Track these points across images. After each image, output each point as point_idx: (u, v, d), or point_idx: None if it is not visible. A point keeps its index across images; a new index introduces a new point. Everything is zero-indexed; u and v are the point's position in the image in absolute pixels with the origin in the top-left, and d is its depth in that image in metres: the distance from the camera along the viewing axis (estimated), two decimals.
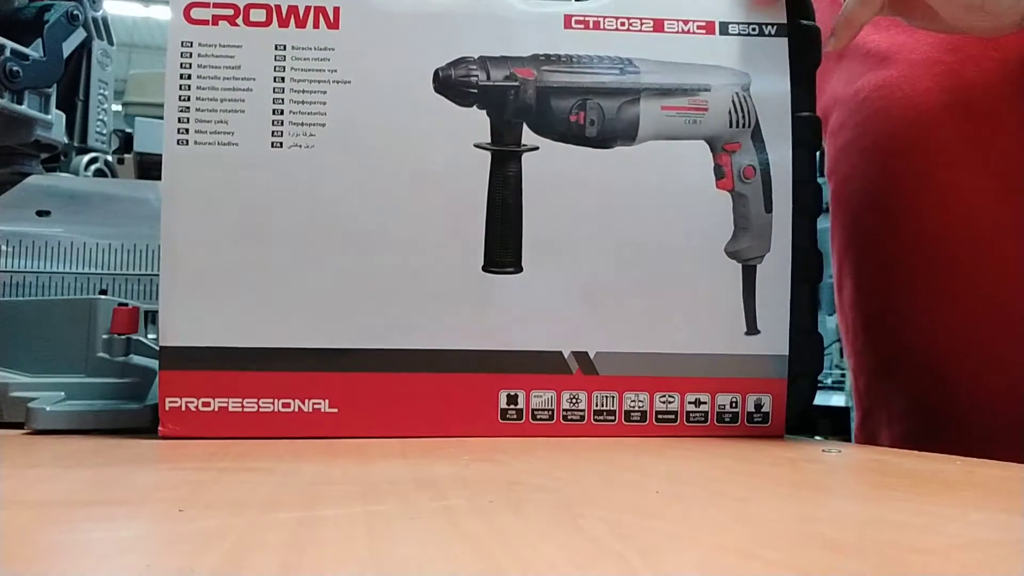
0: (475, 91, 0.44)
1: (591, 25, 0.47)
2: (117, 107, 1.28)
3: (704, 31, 0.48)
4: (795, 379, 0.46)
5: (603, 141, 0.46)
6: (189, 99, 0.42)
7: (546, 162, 0.45)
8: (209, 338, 0.42)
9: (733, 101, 0.47)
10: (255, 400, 0.42)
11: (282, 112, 0.43)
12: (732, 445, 0.42)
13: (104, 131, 0.90)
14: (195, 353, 0.42)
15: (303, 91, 0.43)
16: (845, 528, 0.21)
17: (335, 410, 0.42)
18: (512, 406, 0.44)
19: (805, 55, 0.48)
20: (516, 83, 0.45)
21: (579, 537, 0.19)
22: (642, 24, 0.47)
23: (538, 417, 0.44)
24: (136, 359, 0.48)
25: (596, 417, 0.45)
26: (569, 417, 0.44)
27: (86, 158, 0.86)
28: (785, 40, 0.47)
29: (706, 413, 0.46)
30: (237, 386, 0.42)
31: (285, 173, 0.43)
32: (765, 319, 0.46)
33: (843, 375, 2.71)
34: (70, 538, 0.18)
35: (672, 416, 0.45)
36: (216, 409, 0.41)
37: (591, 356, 0.45)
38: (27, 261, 0.62)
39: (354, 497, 0.24)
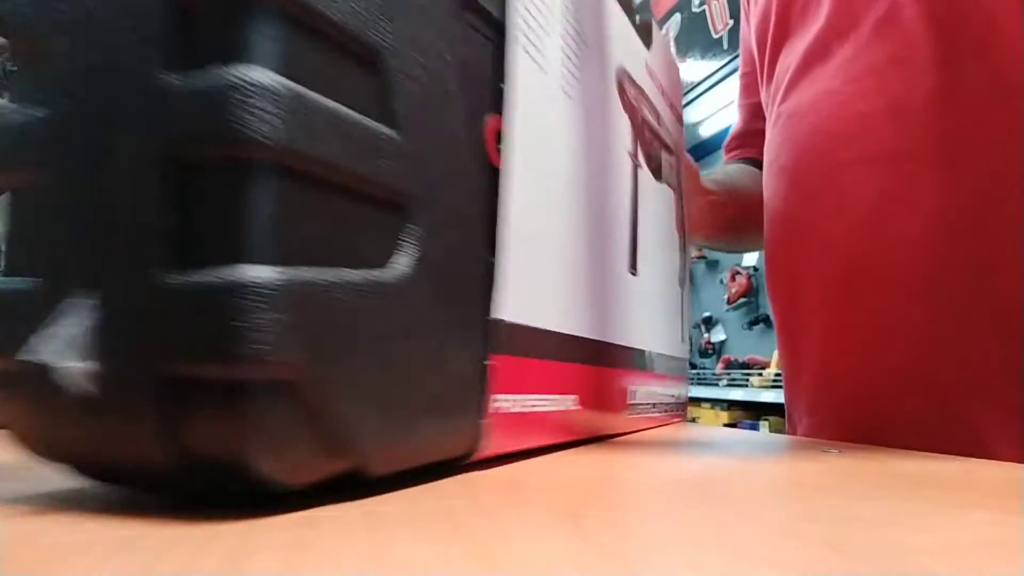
0: (624, 99, 0.46)
1: (652, 74, 0.50)
2: None
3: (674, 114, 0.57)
4: None
5: (655, 173, 0.52)
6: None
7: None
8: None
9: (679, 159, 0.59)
10: (539, 396, 0.33)
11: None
12: (731, 445, 0.42)
13: None
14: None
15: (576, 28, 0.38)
16: (845, 528, 0.21)
17: (580, 408, 0.37)
18: (631, 401, 0.46)
19: None
20: (636, 104, 0.48)
21: (579, 537, 0.19)
22: (661, 85, 0.53)
23: (639, 411, 0.47)
24: None
25: (653, 408, 0.49)
26: (651, 410, 0.49)
27: None
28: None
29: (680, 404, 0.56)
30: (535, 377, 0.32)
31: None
32: (684, 331, 0.60)
33: None
34: (70, 538, 0.18)
35: (664, 406, 0.52)
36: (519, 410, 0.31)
37: (651, 354, 0.49)
38: None
39: (354, 497, 0.24)
